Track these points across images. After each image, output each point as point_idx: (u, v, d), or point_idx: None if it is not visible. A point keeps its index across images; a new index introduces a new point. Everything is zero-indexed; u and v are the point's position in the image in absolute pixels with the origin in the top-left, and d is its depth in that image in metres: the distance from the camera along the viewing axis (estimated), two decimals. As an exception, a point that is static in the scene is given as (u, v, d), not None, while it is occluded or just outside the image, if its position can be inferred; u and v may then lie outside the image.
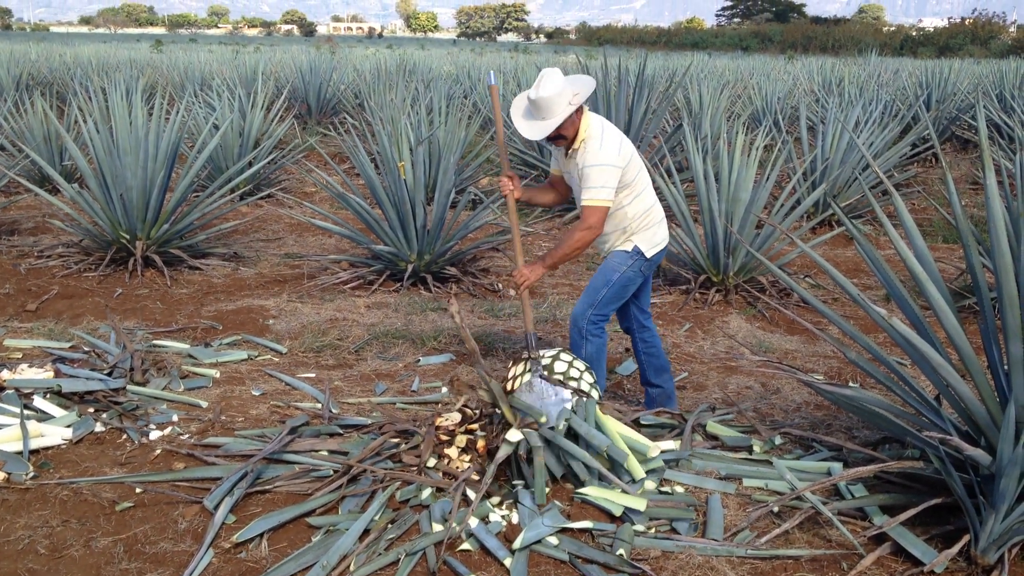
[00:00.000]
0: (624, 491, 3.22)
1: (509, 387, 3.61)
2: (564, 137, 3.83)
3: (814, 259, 3.41)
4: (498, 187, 4.14)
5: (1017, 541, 2.85)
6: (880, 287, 6.26)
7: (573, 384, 3.57)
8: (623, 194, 3.88)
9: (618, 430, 3.53)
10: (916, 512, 2.98)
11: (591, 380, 3.65)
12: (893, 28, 77.90)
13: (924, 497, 3.07)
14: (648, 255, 3.98)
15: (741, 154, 6.20)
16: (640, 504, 3.15)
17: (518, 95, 3.95)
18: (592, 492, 3.26)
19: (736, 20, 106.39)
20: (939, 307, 3.10)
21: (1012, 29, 61.32)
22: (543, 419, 3.43)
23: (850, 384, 4.39)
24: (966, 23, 64.23)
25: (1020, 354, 2.90)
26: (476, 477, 3.40)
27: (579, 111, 3.82)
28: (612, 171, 3.76)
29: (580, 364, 3.69)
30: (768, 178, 6.31)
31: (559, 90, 3.68)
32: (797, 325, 5.58)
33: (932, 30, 66.07)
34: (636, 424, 3.91)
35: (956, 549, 2.82)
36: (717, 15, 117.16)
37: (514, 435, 3.38)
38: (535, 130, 3.78)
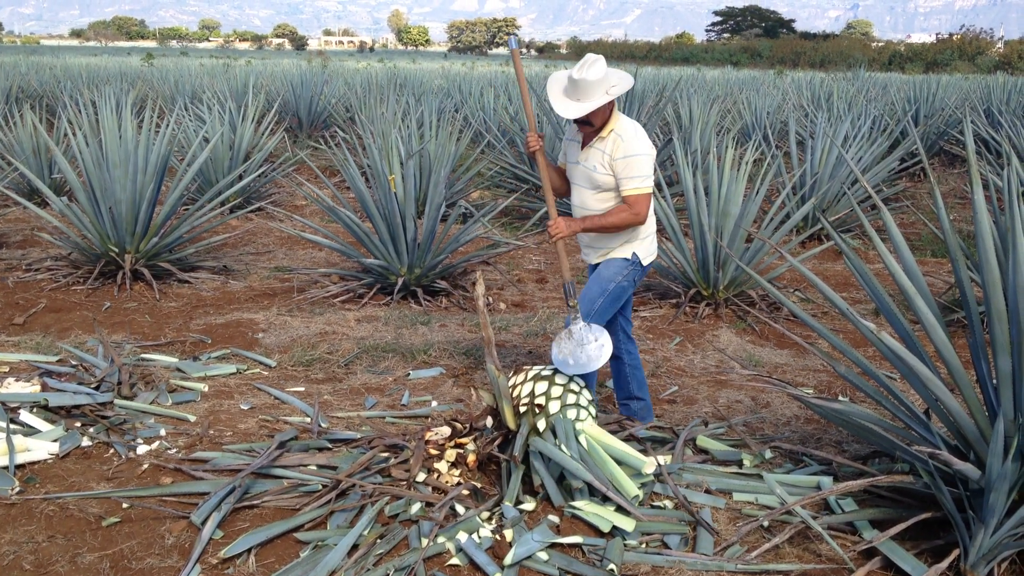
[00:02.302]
0: (620, 506, 3.21)
1: (513, 393, 3.60)
2: (591, 124, 3.84)
3: (803, 273, 3.42)
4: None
5: (1006, 555, 2.85)
6: (869, 301, 6.28)
7: (572, 398, 3.56)
8: None
9: (614, 445, 3.53)
10: (906, 526, 2.99)
11: (589, 397, 3.65)
12: (881, 44, 78.42)
13: (914, 511, 3.07)
14: (644, 263, 3.97)
15: (731, 168, 6.22)
16: (629, 524, 3.14)
17: (554, 75, 3.95)
18: (583, 507, 3.25)
19: (726, 35, 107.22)
20: (928, 321, 3.11)
21: (999, 45, 61.81)
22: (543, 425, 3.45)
23: (840, 398, 4.40)
24: (954, 39, 64.71)
25: (1008, 368, 2.91)
26: (466, 492, 3.40)
27: (611, 103, 3.85)
28: (650, 160, 3.82)
29: (580, 380, 3.68)
30: (757, 192, 6.33)
31: (602, 76, 3.71)
32: (787, 339, 5.58)
33: (920, 46, 66.57)
34: (631, 438, 3.91)
35: (946, 564, 2.82)
36: (707, 30, 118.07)
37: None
38: (571, 109, 3.77)
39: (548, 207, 3.98)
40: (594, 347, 3.70)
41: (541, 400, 3.51)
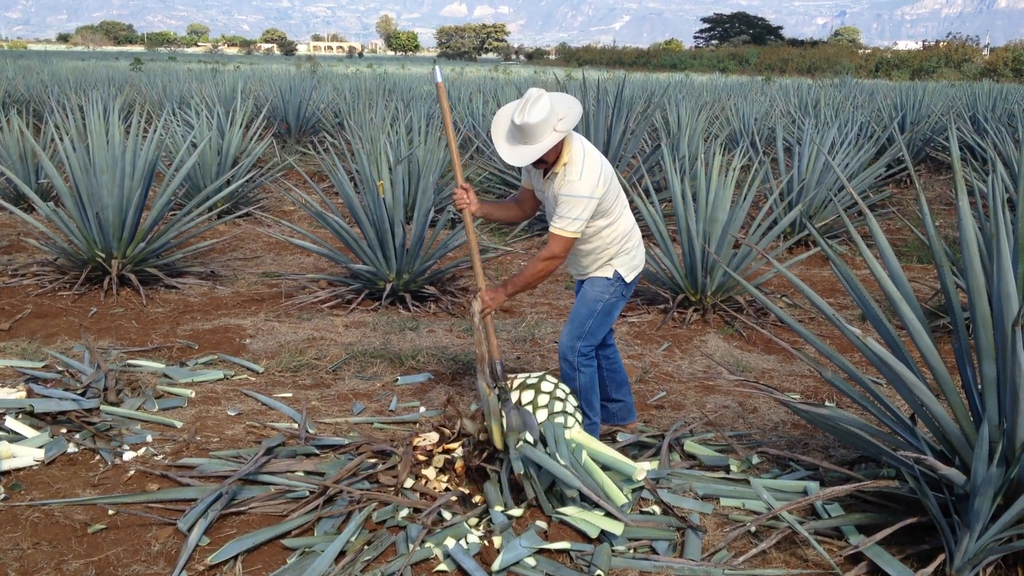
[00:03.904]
0: (609, 512, 3.22)
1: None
2: (544, 160, 3.67)
3: (790, 279, 3.44)
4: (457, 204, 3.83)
5: (991, 560, 2.86)
6: (855, 307, 6.31)
7: (559, 406, 3.55)
8: (600, 221, 3.77)
9: (604, 452, 3.54)
10: (892, 531, 3.00)
11: (575, 404, 3.65)
12: (868, 51, 78.91)
13: (900, 516, 3.08)
14: (628, 279, 3.90)
15: (718, 174, 6.24)
16: (617, 528, 3.14)
17: (499, 113, 3.74)
18: (570, 513, 3.25)
19: (714, 42, 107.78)
20: (913, 327, 3.13)
21: (985, 52, 62.22)
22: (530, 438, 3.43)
23: (826, 403, 4.41)
24: (940, 46, 65.14)
25: (993, 373, 2.93)
26: (454, 498, 3.39)
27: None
28: (587, 203, 3.62)
29: (564, 387, 3.68)
30: (745, 198, 6.36)
31: (546, 115, 3.51)
32: (774, 344, 5.60)
33: (907, 53, 66.98)
34: (622, 445, 3.92)
35: (931, 568, 2.83)
36: (695, 37, 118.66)
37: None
38: (519, 155, 3.59)
39: (476, 275, 3.83)
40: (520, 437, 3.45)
41: (528, 409, 3.51)
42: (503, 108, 3.76)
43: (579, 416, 3.63)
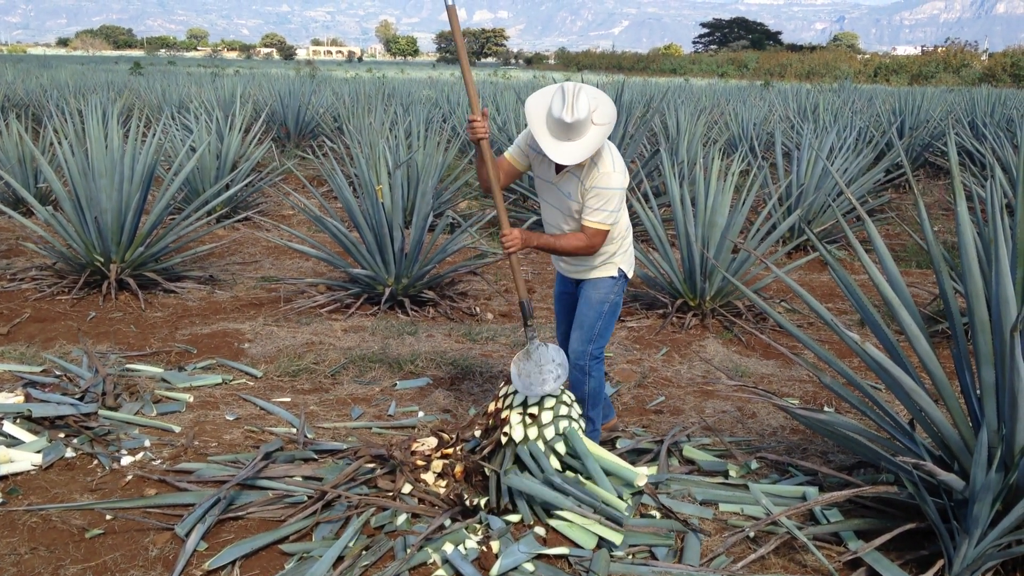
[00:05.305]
0: (605, 520, 3.21)
1: (505, 403, 3.58)
2: None
3: (788, 284, 3.44)
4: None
5: (991, 566, 2.86)
6: (854, 312, 6.31)
7: (564, 410, 3.56)
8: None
9: (605, 457, 3.53)
10: (891, 537, 3.00)
11: (579, 412, 3.65)
12: (867, 56, 79.03)
13: (899, 522, 3.08)
14: (629, 275, 3.91)
15: (717, 179, 6.25)
16: (616, 537, 3.13)
17: (531, 104, 3.54)
18: (569, 519, 3.24)
19: (713, 47, 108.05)
20: (912, 332, 3.13)
21: (984, 57, 62.31)
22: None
23: (825, 409, 4.41)
24: (939, 51, 65.28)
25: (992, 379, 2.93)
26: (454, 500, 3.39)
27: None
28: (621, 194, 3.59)
29: (571, 394, 3.68)
30: (744, 203, 6.35)
31: (588, 109, 3.40)
32: (773, 349, 5.60)
33: (905, 58, 67.08)
34: (613, 447, 3.91)
35: (930, 574, 2.83)
36: (694, 42, 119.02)
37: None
38: (568, 154, 3.43)
39: (499, 214, 3.67)
40: (552, 367, 3.54)
41: (534, 410, 3.51)
42: (535, 99, 3.57)
43: (583, 423, 3.63)
